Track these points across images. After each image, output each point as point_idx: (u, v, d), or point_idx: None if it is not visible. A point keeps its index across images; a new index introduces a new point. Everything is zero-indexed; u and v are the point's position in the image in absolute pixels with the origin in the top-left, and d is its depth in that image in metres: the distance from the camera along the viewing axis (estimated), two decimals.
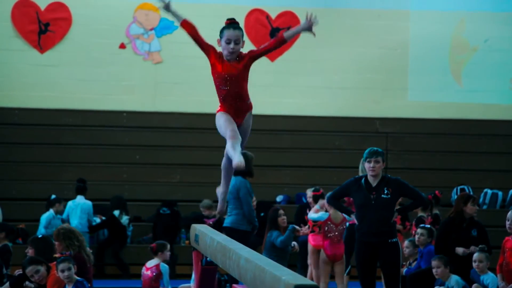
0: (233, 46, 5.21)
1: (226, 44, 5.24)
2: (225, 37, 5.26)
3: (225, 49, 5.26)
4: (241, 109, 5.27)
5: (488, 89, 14.40)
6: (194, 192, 13.55)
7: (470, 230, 8.54)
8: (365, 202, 7.37)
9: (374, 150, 7.46)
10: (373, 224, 7.30)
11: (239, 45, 5.23)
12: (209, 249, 5.34)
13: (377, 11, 14.27)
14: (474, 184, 13.67)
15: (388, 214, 7.33)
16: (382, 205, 7.31)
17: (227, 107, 5.25)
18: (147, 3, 13.96)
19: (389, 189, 7.34)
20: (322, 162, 13.77)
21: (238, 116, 5.27)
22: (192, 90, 13.96)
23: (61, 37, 13.80)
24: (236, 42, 5.21)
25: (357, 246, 7.49)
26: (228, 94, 5.23)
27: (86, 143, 13.73)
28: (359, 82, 14.25)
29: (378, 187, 7.36)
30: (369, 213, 7.33)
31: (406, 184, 7.46)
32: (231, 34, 5.24)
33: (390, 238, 7.32)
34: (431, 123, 14.28)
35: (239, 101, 5.25)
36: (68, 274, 7.08)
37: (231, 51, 5.21)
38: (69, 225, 8.10)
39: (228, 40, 5.24)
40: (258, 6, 14.05)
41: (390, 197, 7.33)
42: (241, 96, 5.25)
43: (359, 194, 7.43)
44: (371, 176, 7.39)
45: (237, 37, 5.22)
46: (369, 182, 7.42)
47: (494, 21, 14.37)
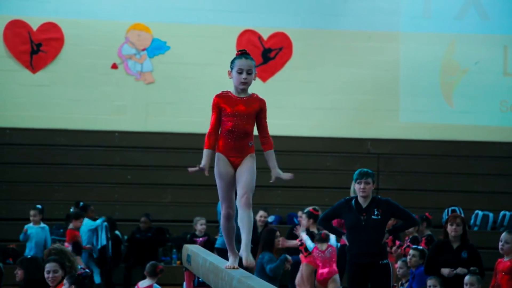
0: (246, 76, 4.95)
1: (238, 74, 4.96)
2: (237, 67, 4.97)
3: (236, 79, 4.97)
4: (241, 149, 5.00)
5: (479, 110, 14.44)
6: (185, 212, 13.53)
7: (460, 252, 8.44)
8: (355, 224, 7.40)
9: (365, 171, 7.51)
10: (364, 245, 7.34)
11: (252, 76, 4.99)
12: (202, 269, 5.35)
13: (368, 33, 14.32)
14: (465, 206, 13.62)
15: (379, 235, 7.38)
16: (372, 226, 7.36)
17: (226, 144, 5.00)
18: (140, 24, 14.02)
19: (380, 210, 7.39)
20: (313, 182, 13.77)
21: (236, 156, 5.00)
22: (184, 111, 13.99)
23: (53, 57, 13.82)
24: (249, 72, 4.96)
25: (348, 267, 7.50)
26: (231, 129, 4.97)
27: (77, 163, 13.70)
28: (350, 103, 14.28)
29: (369, 208, 7.40)
30: (359, 234, 7.36)
31: (396, 205, 7.51)
32: (243, 64, 4.96)
33: (381, 259, 7.36)
34: (422, 144, 14.29)
35: (240, 139, 4.98)
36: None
37: (244, 81, 4.95)
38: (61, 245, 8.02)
39: (240, 70, 4.95)
40: (250, 27, 14.07)
41: (381, 218, 7.38)
42: (245, 134, 4.98)
43: (349, 216, 7.46)
44: (361, 197, 7.44)
45: (250, 67, 4.97)
46: (359, 203, 7.46)
47: (484, 43, 14.43)
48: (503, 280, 7.97)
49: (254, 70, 5.00)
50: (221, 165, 5.00)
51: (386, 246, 7.60)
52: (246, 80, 4.95)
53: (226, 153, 5.00)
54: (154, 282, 9.07)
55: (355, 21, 14.32)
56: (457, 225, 8.36)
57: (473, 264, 8.30)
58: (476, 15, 14.51)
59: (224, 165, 5.00)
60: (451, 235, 8.44)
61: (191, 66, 13.96)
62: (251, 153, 5.02)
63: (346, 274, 7.65)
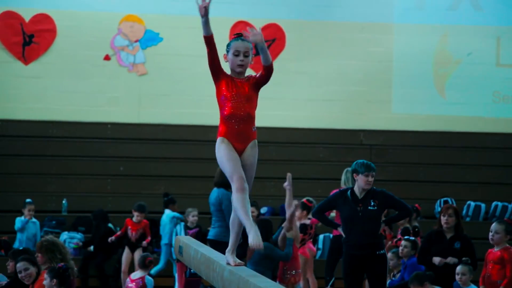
0: (242, 58, 4.74)
1: (235, 57, 4.75)
2: (233, 48, 4.76)
3: (233, 62, 4.76)
4: (244, 134, 4.74)
5: (472, 102, 14.49)
6: (178, 204, 13.33)
7: (453, 243, 8.49)
8: (352, 215, 7.42)
9: (371, 164, 7.52)
10: (361, 237, 7.37)
11: (249, 58, 4.78)
12: (193, 261, 5.36)
13: (361, 24, 14.34)
14: (457, 197, 13.66)
15: (375, 226, 7.41)
16: (369, 217, 7.38)
17: (229, 128, 4.73)
18: (132, 15, 14.02)
19: (376, 201, 7.41)
20: (306, 173, 13.79)
21: (239, 142, 4.75)
22: (177, 102, 14.00)
23: (45, 49, 13.81)
24: (246, 55, 4.75)
25: (345, 258, 7.53)
26: (233, 112, 4.72)
27: (70, 155, 13.70)
28: (343, 94, 14.31)
29: (365, 199, 7.42)
30: (356, 226, 7.39)
31: (391, 196, 7.55)
32: (239, 46, 4.75)
33: (378, 250, 7.40)
34: (414, 135, 14.35)
35: (243, 123, 4.73)
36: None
37: (240, 63, 4.74)
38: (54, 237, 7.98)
39: (236, 52, 4.75)
40: (243, 18, 14.08)
41: (377, 209, 7.41)
42: (248, 118, 4.74)
43: (345, 207, 7.48)
44: (361, 189, 7.44)
45: (246, 48, 4.75)
46: (355, 194, 7.48)
47: (477, 35, 14.47)
48: (493, 270, 8.02)
49: (251, 53, 4.79)
50: (227, 147, 4.71)
51: (382, 236, 7.69)
52: (243, 62, 4.75)
53: (229, 137, 4.73)
54: (146, 274, 9.04)
55: (348, 13, 14.34)
56: (449, 216, 8.40)
57: (466, 255, 8.35)
58: (469, 6, 14.54)
59: (230, 148, 4.71)
60: (444, 226, 8.49)
61: (184, 57, 13.96)
62: (254, 140, 4.79)
63: (342, 265, 7.67)
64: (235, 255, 4.77)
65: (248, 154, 4.75)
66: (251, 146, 4.77)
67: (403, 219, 8.26)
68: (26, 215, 11.96)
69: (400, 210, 7.66)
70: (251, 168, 4.75)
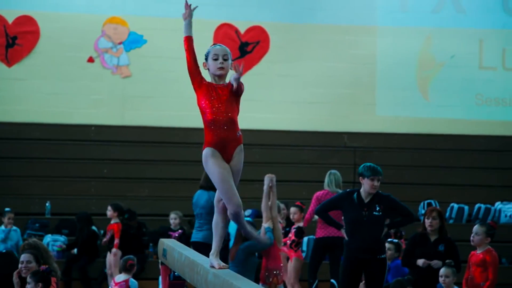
0: (222, 61, 4.79)
1: (214, 61, 4.82)
2: (212, 53, 4.84)
3: (213, 66, 4.81)
4: (230, 140, 4.74)
5: (455, 104, 14.54)
6: (162, 207, 13.53)
7: (437, 245, 8.54)
8: (357, 218, 7.45)
9: (378, 169, 7.51)
10: (365, 241, 7.42)
11: (228, 61, 4.81)
12: (177, 264, 5.38)
13: (345, 27, 14.38)
14: (440, 199, 13.74)
15: (379, 231, 7.47)
16: (373, 222, 7.42)
17: (215, 136, 4.72)
18: (116, 17, 14.01)
19: (381, 206, 7.45)
20: (290, 176, 13.81)
21: (226, 149, 4.75)
22: (161, 104, 14.00)
23: (29, 51, 13.79)
24: (225, 58, 4.80)
25: (345, 260, 7.57)
26: (214, 118, 4.73)
27: (53, 157, 13.66)
28: (327, 97, 14.33)
29: (370, 203, 7.46)
30: (360, 230, 7.43)
31: (396, 201, 7.60)
32: (218, 49, 4.83)
33: (379, 254, 7.44)
34: (398, 138, 14.38)
35: (227, 128, 4.73)
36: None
37: (220, 66, 4.79)
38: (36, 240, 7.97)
39: (215, 56, 4.81)
40: (227, 21, 14.12)
41: (381, 214, 7.44)
42: (231, 123, 4.74)
43: (350, 210, 7.49)
44: (367, 193, 7.45)
45: (225, 52, 4.82)
46: (361, 198, 7.49)
47: (460, 37, 14.54)
48: (476, 273, 8.05)
49: (230, 58, 4.83)
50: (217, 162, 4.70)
51: (384, 241, 7.72)
52: (223, 65, 4.79)
53: (216, 146, 4.73)
54: (130, 277, 9.07)
55: (332, 15, 14.36)
56: (433, 218, 8.45)
57: (450, 258, 8.39)
58: (453, 9, 14.61)
59: (220, 161, 4.71)
60: (428, 229, 8.54)
61: (168, 59, 13.94)
62: (240, 145, 4.78)
63: (341, 265, 7.72)
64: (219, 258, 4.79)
65: (236, 161, 4.75)
66: (238, 152, 4.77)
67: (406, 224, 8.27)
68: (6, 224, 11.91)
69: (404, 215, 7.70)
70: (237, 175, 4.76)
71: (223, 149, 4.73)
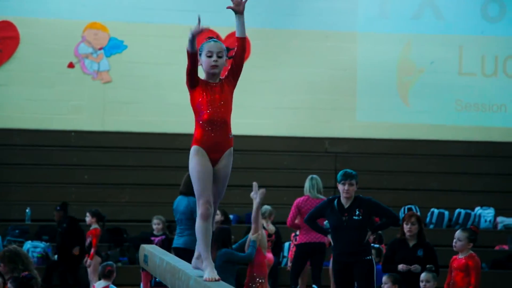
0: (216, 59, 4.62)
1: (208, 58, 4.63)
2: (206, 50, 4.63)
3: (207, 63, 4.63)
4: (220, 142, 4.61)
5: (434, 110, 14.60)
6: (142, 212, 13.52)
7: (416, 250, 8.55)
8: (338, 224, 7.60)
9: (349, 172, 7.67)
10: (346, 245, 7.57)
11: (223, 59, 4.64)
12: (158, 270, 5.37)
13: (325, 32, 14.42)
14: (421, 204, 13.85)
15: (360, 235, 7.57)
16: (354, 227, 7.53)
17: (205, 136, 4.60)
18: (96, 23, 14.01)
19: (361, 210, 7.56)
20: (272, 181, 13.82)
21: (215, 150, 4.62)
22: (141, 110, 14.01)
23: (8, 56, 13.77)
24: (219, 55, 4.62)
25: (334, 265, 7.75)
26: (209, 118, 4.59)
27: (34, 163, 13.64)
28: (308, 102, 14.38)
29: (350, 208, 7.58)
30: (342, 235, 7.57)
31: (377, 204, 7.71)
32: (212, 46, 4.64)
33: (364, 256, 7.55)
34: (378, 143, 14.43)
35: (220, 130, 4.60)
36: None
37: (214, 63, 4.61)
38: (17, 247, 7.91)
39: (209, 53, 4.63)
40: (208, 26, 14.12)
41: (362, 218, 7.56)
42: (223, 124, 4.61)
43: (332, 216, 7.64)
44: (344, 198, 7.59)
45: (220, 49, 4.64)
46: (341, 204, 7.63)
47: (439, 44, 14.59)
48: (457, 278, 8.04)
49: (225, 54, 4.65)
50: (200, 162, 4.57)
51: (369, 243, 7.77)
52: (217, 63, 4.61)
53: (205, 146, 4.60)
54: (110, 283, 9.03)
55: (313, 21, 14.40)
56: (412, 224, 8.48)
57: (428, 262, 8.41)
58: (432, 16, 14.69)
59: (204, 161, 4.57)
60: (407, 234, 8.56)
61: (148, 65, 13.99)
62: (230, 148, 4.65)
63: (332, 272, 7.91)
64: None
65: (223, 164, 4.63)
66: (227, 155, 4.64)
67: (389, 226, 8.37)
68: None
69: (386, 217, 7.80)
70: (225, 179, 4.65)
71: (212, 150, 4.60)
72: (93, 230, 11.50)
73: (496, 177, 14.42)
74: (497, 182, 14.40)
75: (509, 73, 14.77)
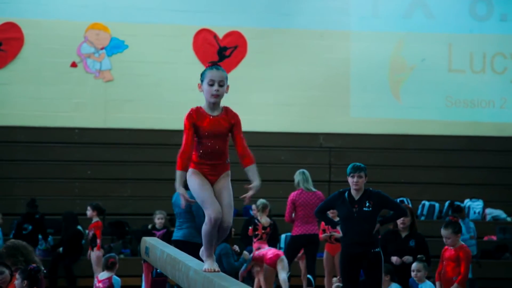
0: (217, 88, 4.58)
1: (209, 86, 4.59)
2: (208, 78, 4.60)
3: (208, 92, 4.59)
4: (217, 168, 4.63)
5: (425, 106, 14.58)
6: (144, 206, 13.61)
7: (408, 241, 8.76)
8: (348, 215, 7.63)
9: (358, 165, 7.73)
10: (356, 236, 7.58)
11: (224, 88, 4.60)
12: (159, 261, 5.38)
13: (320, 32, 14.41)
14: (413, 196, 13.88)
15: (370, 226, 7.59)
16: (364, 218, 7.57)
17: (202, 163, 4.61)
18: (98, 23, 14.02)
19: (371, 202, 7.60)
20: (268, 176, 13.67)
21: (212, 175, 4.63)
22: (142, 107, 14.03)
23: (13, 57, 13.82)
24: (221, 84, 4.59)
25: (342, 256, 7.76)
26: (208, 149, 4.60)
27: (38, 159, 13.67)
28: (303, 99, 14.37)
29: (360, 200, 7.62)
30: (352, 226, 7.60)
31: (386, 197, 7.75)
32: (214, 75, 4.59)
33: (373, 248, 7.59)
34: (372, 138, 14.42)
35: (217, 159, 4.62)
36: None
37: (215, 93, 4.58)
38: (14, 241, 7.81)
39: (211, 82, 4.59)
40: (206, 26, 14.12)
41: (372, 210, 7.59)
42: (221, 154, 4.63)
43: (342, 207, 7.69)
44: (354, 190, 7.67)
45: (221, 78, 4.60)
46: (352, 196, 7.68)
47: (430, 42, 14.58)
48: (448, 267, 8.18)
49: (226, 82, 4.62)
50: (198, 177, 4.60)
51: (377, 235, 7.84)
52: (218, 93, 4.59)
53: (203, 173, 4.62)
54: (113, 274, 9.08)
55: (308, 20, 14.39)
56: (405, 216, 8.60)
57: (420, 252, 8.61)
58: (422, 15, 14.67)
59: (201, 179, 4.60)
60: (400, 226, 8.79)
61: (149, 64, 13.99)
62: (227, 171, 4.68)
63: (339, 262, 7.88)
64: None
65: (221, 182, 4.63)
66: (223, 177, 4.64)
67: (397, 219, 8.41)
68: None
69: (395, 210, 7.88)
70: (227, 193, 4.63)
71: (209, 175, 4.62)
72: (95, 223, 11.49)
73: (484, 170, 14.45)
74: (485, 175, 14.43)
75: (497, 70, 14.80)
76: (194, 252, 6.00)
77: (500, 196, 14.42)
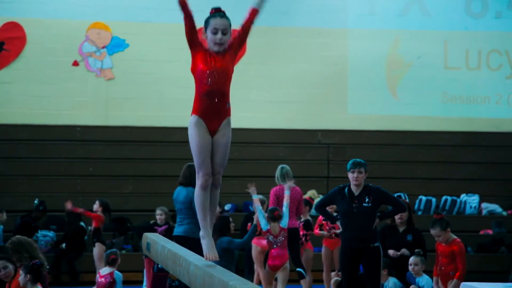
0: (221, 37, 4.49)
1: (213, 35, 4.49)
2: (211, 26, 4.50)
3: (211, 40, 4.49)
4: (218, 112, 4.52)
5: (422, 102, 14.65)
6: (145, 202, 13.68)
7: (405, 235, 8.88)
8: (348, 210, 7.68)
9: (358, 161, 7.81)
10: (356, 231, 7.62)
11: (227, 36, 4.50)
12: (160, 257, 5.39)
13: (317, 29, 14.47)
14: (410, 191, 13.91)
15: (369, 221, 7.62)
16: (363, 213, 7.62)
17: (204, 106, 4.50)
18: (99, 23, 14.10)
19: (370, 198, 7.64)
20: (267, 172, 13.65)
21: (214, 120, 4.53)
22: (143, 105, 14.11)
23: (16, 56, 13.89)
24: (224, 32, 4.49)
25: (342, 251, 7.81)
26: (209, 91, 4.48)
27: (40, 157, 13.75)
28: (301, 96, 14.43)
29: (360, 196, 7.66)
30: (351, 221, 7.64)
31: (386, 193, 7.81)
32: (218, 23, 4.50)
33: (372, 243, 7.64)
34: (369, 134, 14.50)
35: (218, 101, 4.51)
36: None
37: (219, 42, 4.49)
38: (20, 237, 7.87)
39: (214, 30, 4.49)
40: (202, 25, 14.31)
41: (371, 205, 7.63)
42: (222, 95, 4.50)
43: (342, 203, 7.73)
44: (354, 186, 7.73)
45: (225, 26, 4.50)
46: (352, 191, 7.73)
47: (426, 39, 14.65)
48: (443, 263, 8.31)
49: (230, 30, 4.53)
50: (199, 133, 4.51)
51: (376, 230, 7.87)
52: (221, 41, 4.49)
53: (204, 116, 4.52)
54: (115, 269, 9.14)
55: (305, 19, 14.45)
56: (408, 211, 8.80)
57: (417, 247, 8.75)
58: (419, 12, 14.74)
59: (202, 132, 4.51)
60: (398, 221, 8.93)
61: (149, 63, 14.05)
62: (228, 117, 4.57)
63: (339, 256, 7.94)
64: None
65: (221, 134, 4.54)
66: (225, 125, 4.56)
67: (396, 214, 8.51)
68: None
69: (394, 205, 7.93)
70: (225, 147, 4.56)
71: (210, 120, 4.53)
72: (96, 214, 11.53)
73: (480, 166, 14.53)
74: (481, 170, 14.51)
75: (492, 67, 14.87)
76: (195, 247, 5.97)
77: (495, 190, 14.50)
